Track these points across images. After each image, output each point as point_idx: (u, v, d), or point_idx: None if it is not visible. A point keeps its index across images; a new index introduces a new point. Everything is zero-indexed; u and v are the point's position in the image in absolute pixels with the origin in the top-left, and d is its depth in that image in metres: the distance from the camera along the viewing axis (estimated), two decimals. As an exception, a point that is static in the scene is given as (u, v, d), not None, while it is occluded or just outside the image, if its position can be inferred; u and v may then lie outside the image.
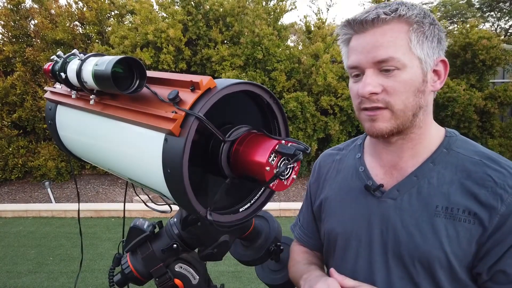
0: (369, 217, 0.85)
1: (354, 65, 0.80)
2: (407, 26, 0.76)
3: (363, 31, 0.78)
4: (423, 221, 0.79)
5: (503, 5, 16.90)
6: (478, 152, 0.81)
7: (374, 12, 0.77)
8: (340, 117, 7.03)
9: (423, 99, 0.79)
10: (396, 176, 0.85)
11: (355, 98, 0.83)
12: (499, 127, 7.44)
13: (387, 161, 0.88)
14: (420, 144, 0.84)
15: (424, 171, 0.82)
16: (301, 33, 8.94)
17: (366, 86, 0.77)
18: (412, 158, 0.84)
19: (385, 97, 0.77)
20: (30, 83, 7.64)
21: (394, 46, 0.76)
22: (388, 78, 0.77)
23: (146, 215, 4.82)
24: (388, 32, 0.76)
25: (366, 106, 0.79)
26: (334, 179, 0.98)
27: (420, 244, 0.78)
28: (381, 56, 0.76)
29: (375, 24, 0.76)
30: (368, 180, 0.89)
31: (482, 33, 7.15)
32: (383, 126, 0.79)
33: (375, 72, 0.77)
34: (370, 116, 0.80)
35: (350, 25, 0.80)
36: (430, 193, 0.80)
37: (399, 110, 0.78)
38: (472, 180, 0.77)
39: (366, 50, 0.77)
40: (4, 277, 3.76)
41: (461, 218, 0.75)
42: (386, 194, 0.85)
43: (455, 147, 0.83)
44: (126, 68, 0.65)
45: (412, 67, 0.77)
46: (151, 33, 6.94)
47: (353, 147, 1.01)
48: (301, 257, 1.04)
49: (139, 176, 0.73)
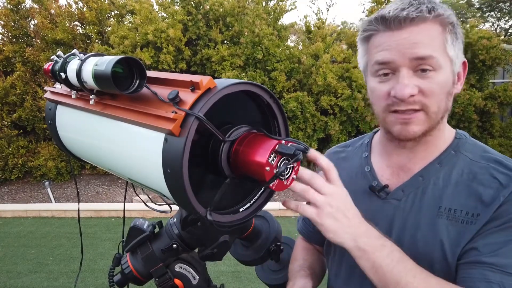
0: (372, 218, 0.84)
1: (386, 61, 0.76)
2: (442, 26, 0.75)
3: (399, 28, 0.74)
4: (426, 222, 0.78)
5: (503, 5, 16.89)
6: (486, 156, 0.79)
7: (414, 10, 0.73)
8: (340, 117, 7.03)
9: (450, 102, 0.78)
10: (403, 177, 0.85)
11: (383, 99, 0.78)
12: (499, 127, 7.44)
13: (396, 161, 0.87)
14: (433, 146, 0.82)
15: (430, 172, 0.81)
16: (301, 33, 8.95)
17: (405, 88, 0.73)
18: (422, 160, 0.83)
19: (421, 99, 0.74)
20: (30, 83, 7.63)
21: (433, 45, 0.73)
22: (424, 79, 0.74)
23: (146, 215, 4.82)
24: (426, 31, 0.73)
25: (401, 108, 0.75)
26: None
27: (421, 245, 0.77)
28: (421, 53, 0.72)
29: (413, 23, 0.73)
30: (373, 180, 0.88)
31: (482, 33, 7.14)
32: (417, 129, 0.76)
33: (410, 72, 0.74)
34: (404, 119, 0.76)
35: (383, 21, 0.76)
36: (435, 194, 0.79)
37: (433, 113, 0.75)
38: (478, 181, 0.76)
39: (403, 46, 0.73)
40: (4, 277, 3.75)
41: (464, 220, 0.74)
42: (391, 195, 0.84)
43: (464, 150, 0.81)
44: (126, 68, 0.65)
45: (446, 69, 0.75)
46: (151, 33, 6.94)
47: (360, 145, 0.99)
48: (299, 255, 1.05)
49: (139, 176, 0.73)
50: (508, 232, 0.71)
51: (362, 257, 0.69)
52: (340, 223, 0.68)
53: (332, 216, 0.68)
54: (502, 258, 0.69)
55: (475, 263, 0.71)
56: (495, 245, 0.70)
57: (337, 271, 0.94)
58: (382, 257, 0.68)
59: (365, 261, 0.69)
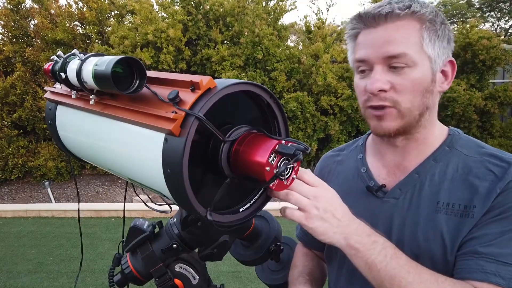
0: (371, 218, 0.84)
1: (362, 59, 0.78)
2: (419, 23, 0.75)
3: (375, 26, 0.76)
4: (425, 218, 0.78)
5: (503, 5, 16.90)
6: (481, 151, 0.80)
7: (388, 7, 0.75)
8: (340, 117, 7.04)
9: (430, 100, 0.78)
10: (399, 176, 0.85)
11: (361, 95, 0.81)
12: (499, 127, 7.44)
13: (390, 161, 0.87)
14: (425, 144, 0.83)
15: (426, 168, 0.82)
16: (301, 33, 8.95)
17: (375, 82, 0.75)
18: (416, 158, 0.84)
19: (393, 95, 0.76)
20: (30, 83, 7.64)
21: (406, 42, 0.74)
22: (397, 75, 0.75)
23: (146, 215, 4.82)
24: (401, 28, 0.74)
25: (373, 104, 0.78)
26: (335, 181, 0.97)
27: (422, 242, 0.77)
28: (393, 51, 0.74)
29: (388, 19, 0.75)
30: (370, 181, 0.88)
31: (482, 33, 7.15)
32: (390, 125, 0.78)
33: (384, 68, 0.76)
34: (376, 115, 0.78)
35: (361, 19, 0.78)
36: (432, 190, 0.79)
37: (406, 109, 0.76)
38: (474, 175, 0.76)
39: (376, 44, 0.75)
40: (4, 277, 3.75)
41: (462, 213, 0.75)
42: (389, 194, 0.84)
43: (458, 146, 0.82)
44: (126, 68, 0.65)
45: (422, 66, 0.75)
46: (151, 33, 6.95)
47: (355, 147, 1.00)
48: (299, 261, 1.05)
49: (139, 176, 0.73)
50: (504, 222, 0.71)
51: (355, 255, 0.70)
52: (329, 224, 0.69)
53: (320, 217, 0.68)
54: (498, 248, 0.70)
55: (471, 253, 0.71)
56: (491, 236, 0.71)
57: (337, 275, 0.94)
58: (374, 254, 0.69)
59: (359, 259, 0.70)
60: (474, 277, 0.69)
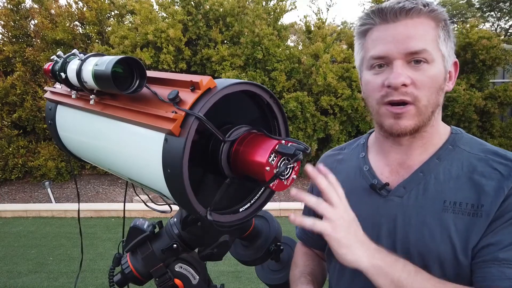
0: (374, 216, 0.84)
1: (381, 55, 0.78)
2: (435, 22, 0.77)
3: (394, 21, 0.76)
4: (432, 217, 0.78)
5: (503, 5, 16.90)
6: (484, 149, 0.80)
7: (409, 3, 0.75)
8: (340, 117, 7.03)
9: (441, 98, 0.80)
10: (403, 174, 0.85)
11: (377, 91, 0.79)
12: (499, 127, 7.44)
13: (394, 159, 0.87)
14: (430, 142, 0.83)
15: (430, 167, 0.82)
16: (301, 33, 8.95)
17: (399, 76, 0.75)
18: (420, 156, 0.84)
19: (413, 90, 0.76)
20: (30, 83, 7.64)
21: (426, 39, 0.75)
22: (417, 71, 0.76)
23: (146, 215, 4.82)
24: (419, 25, 0.76)
25: (394, 98, 0.77)
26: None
27: (429, 241, 0.77)
28: (415, 47, 0.75)
29: (408, 15, 0.76)
30: (373, 179, 0.88)
31: (482, 33, 7.15)
32: (408, 123, 0.78)
33: (404, 64, 0.76)
34: (396, 113, 0.77)
35: (379, 13, 0.78)
36: (437, 189, 0.79)
37: (423, 106, 0.77)
38: (479, 174, 0.77)
39: (397, 40, 0.76)
40: (4, 277, 3.76)
41: (470, 212, 0.74)
42: (392, 192, 0.84)
43: (461, 144, 0.82)
44: (126, 68, 0.65)
45: (438, 64, 0.77)
46: (151, 33, 6.95)
47: (356, 146, 1.00)
48: (300, 260, 1.04)
49: (139, 176, 0.73)
50: None
51: (379, 274, 0.68)
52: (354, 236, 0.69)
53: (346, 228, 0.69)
54: None
55: (491, 261, 0.71)
56: (508, 241, 0.71)
57: (339, 275, 0.94)
58: (398, 271, 0.68)
59: (383, 278, 0.68)
60: (498, 285, 0.69)
